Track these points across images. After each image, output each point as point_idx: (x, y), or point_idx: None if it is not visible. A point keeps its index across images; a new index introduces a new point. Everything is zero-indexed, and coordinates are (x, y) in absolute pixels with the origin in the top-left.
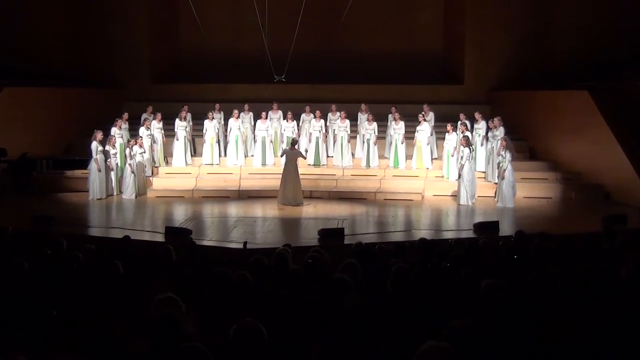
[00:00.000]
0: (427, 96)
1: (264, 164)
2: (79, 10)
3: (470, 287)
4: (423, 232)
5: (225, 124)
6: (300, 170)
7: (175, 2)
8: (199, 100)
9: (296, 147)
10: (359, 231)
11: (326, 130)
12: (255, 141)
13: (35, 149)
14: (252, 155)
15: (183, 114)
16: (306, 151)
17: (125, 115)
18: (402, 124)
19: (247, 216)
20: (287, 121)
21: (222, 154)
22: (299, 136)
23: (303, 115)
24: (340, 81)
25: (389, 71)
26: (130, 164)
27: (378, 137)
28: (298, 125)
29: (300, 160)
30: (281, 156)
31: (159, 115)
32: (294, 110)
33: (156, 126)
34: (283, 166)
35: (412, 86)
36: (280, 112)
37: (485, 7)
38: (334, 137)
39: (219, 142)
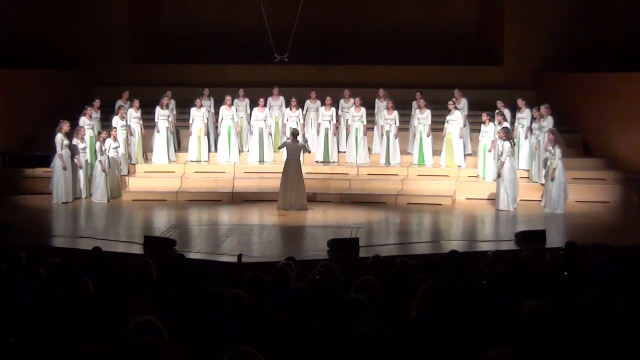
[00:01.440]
0: (459, 79)
1: (261, 160)
2: None
3: (512, 310)
4: (454, 243)
5: (216, 113)
6: (305, 169)
7: None
8: (184, 84)
9: (299, 138)
10: (376, 242)
11: (337, 121)
12: (251, 133)
13: None
14: (248, 151)
15: (165, 100)
16: (305, 140)
17: (97, 103)
18: (428, 112)
19: (242, 224)
20: (290, 109)
21: (212, 149)
22: (304, 127)
23: (308, 103)
24: (354, 61)
25: (413, 49)
26: (101, 161)
27: (400, 129)
28: (303, 114)
29: (305, 156)
30: (280, 148)
31: (136, 102)
32: (298, 96)
33: (133, 115)
34: (284, 163)
35: (441, 67)
36: (281, 99)
37: None
38: (346, 129)
39: (208, 134)
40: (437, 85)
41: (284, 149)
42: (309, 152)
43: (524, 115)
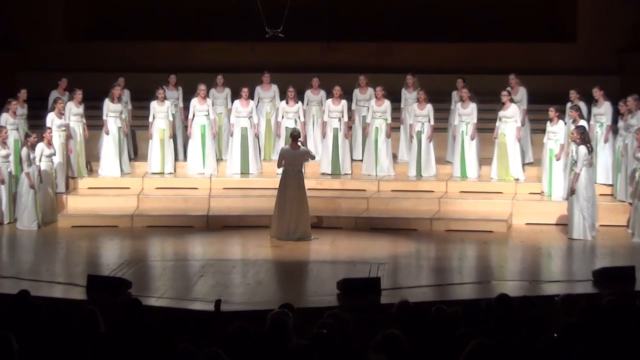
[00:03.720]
0: (516, 61)
1: (246, 172)
2: None
3: None
4: (510, 284)
5: (186, 109)
6: (307, 183)
7: None
8: (142, 68)
9: (300, 143)
10: (404, 283)
11: (350, 118)
12: (232, 136)
13: None
14: (228, 159)
15: (117, 91)
16: (300, 139)
17: (23, 94)
18: (473, 106)
19: (220, 258)
20: (286, 103)
21: (180, 156)
22: (305, 126)
23: (310, 94)
24: (373, 37)
25: (451, 21)
26: (29, 174)
27: (435, 129)
28: (304, 109)
29: (307, 165)
30: (279, 166)
31: (78, 94)
32: (297, 84)
33: (74, 111)
34: (280, 177)
35: (489, 45)
36: (274, 89)
37: None
38: (363, 130)
39: (174, 137)
40: (484, 69)
41: (282, 164)
42: (313, 158)
43: (603, 110)
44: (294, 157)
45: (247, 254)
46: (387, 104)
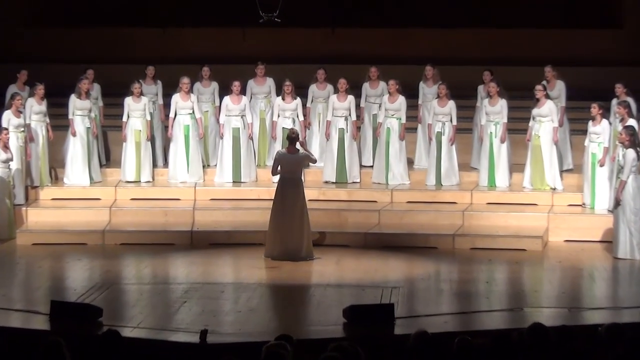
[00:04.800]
0: (553, 51)
1: (238, 180)
2: None
3: None
4: (546, 312)
5: (167, 106)
6: (309, 193)
7: None
8: (115, 59)
9: (298, 146)
10: (422, 310)
11: (360, 117)
12: (221, 137)
13: None
14: (216, 165)
15: (84, 85)
16: (300, 142)
17: None
18: (503, 103)
19: (207, 281)
20: (282, 99)
21: (160, 162)
22: (307, 127)
23: (314, 89)
24: (385, 22)
25: (477, 4)
26: None
27: (458, 130)
28: (305, 106)
29: (308, 172)
30: (274, 173)
31: (39, 89)
32: (296, 77)
33: (35, 109)
34: (276, 186)
35: (521, 31)
36: (269, 83)
37: None
38: (374, 130)
39: (152, 139)
40: (517, 59)
41: (278, 170)
42: (314, 161)
43: None
44: (292, 162)
45: (238, 276)
46: (401, 100)
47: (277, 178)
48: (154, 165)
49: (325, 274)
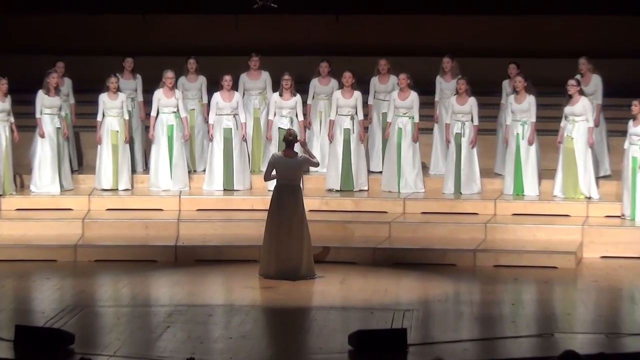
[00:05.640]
0: (587, 41)
1: (229, 187)
2: None
3: None
4: (580, 338)
5: (147, 104)
6: (310, 203)
7: None
8: (88, 50)
9: (297, 148)
10: (439, 336)
11: (367, 116)
12: (210, 139)
13: None
14: (204, 171)
15: (53, 79)
16: (304, 146)
17: None
18: (531, 100)
19: (193, 303)
20: (279, 96)
21: (139, 167)
22: (308, 127)
23: (316, 83)
24: (395, 9)
25: None
26: None
27: (481, 130)
28: (305, 103)
29: (309, 179)
30: (266, 178)
31: (2, 84)
32: (295, 71)
33: None
34: (271, 194)
35: (551, 19)
36: (265, 77)
37: None
38: (384, 131)
39: (131, 141)
40: (546, 51)
41: (273, 175)
42: (317, 164)
43: None
44: (289, 167)
45: (229, 297)
46: (413, 96)
47: (272, 185)
48: (133, 171)
49: (329, 294)
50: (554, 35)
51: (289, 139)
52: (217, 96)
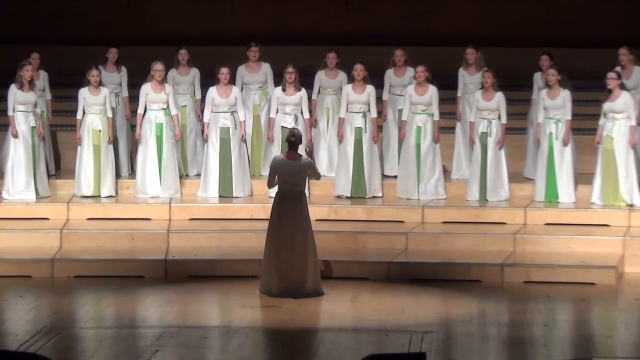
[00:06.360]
0: (629, 29)
1: (228, 194)
2: None
3: None
4: None
5: (134, 99)
6: (316, 212)
7: None
8: (66, 39)
9: (301, 150)
10: None
11: (382, 113)
12: (205, 140)
13: None
14: (198, 175)
15: (27, 72)
16: (310, 150)
17: None
18: (566, 96)
19: (185, 324)
20: (282, 91)
21: (124, 171)
22: (314, 125)
23: (322, 76)
24: None
25: None
26: None
27: (509, 129)
28: (311, 99)
29: (315, 184)
30: (270, 185)
31: None
32: (300, 62)
33: None
34: (272, 201)
35: (587, 4)
36: (265, 69)
37: None
38: (399, 130)
39: (115, 142)
40: (582, 39)
41: (276, 181)
42: (319, 177)
43: None
44: (293, 170)
45: (226, 317)
46: (433, 91)
47: (274, 191)
48: (117, 175)
49: (338, 314)
50: (591, 22)
51: (291, 140)
52: (212, 91)
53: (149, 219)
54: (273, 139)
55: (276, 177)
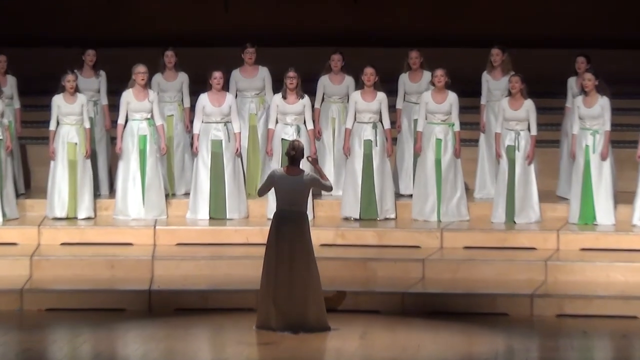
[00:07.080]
0: None
1: (221, 216)
2: None
3: None
4: None
5: (114, 109)
6: (320, 236)
7: None
8: (39, 40)
9: (304, 164)
10: None
11: (395, 124)
12: (194, 154)
13: None
14: (187, 194)
15: None
16: (309, 159)
17: None
18: (605, 104)
19: None
20: (282, 98)
21: (103, 189)
22: (317, 138)
23: (326, 81)
24: None
25: None
26: None
27: (540, 142)
28: (313, 108)
29: (320, 205)
30: (261, 192)
31: None
32: (303, 66)
33: None
34: (271, 222)
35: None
36: (263, 73)
37: None
38: (415, 143)
39: (93, 156)
40: (621, 40)
41: (271, 192)
42: (329, 189)
43: None
44: (292, 188)
45: (219, 355)
46: (452, 98)
47: (271, 212)
48: (96, 194)
49: (345, 352)
50: (631, 20)
51: (291, 154)
52: (203, 99)
53: (130, 244)
54: (272, 153)
55: (275, 192)
